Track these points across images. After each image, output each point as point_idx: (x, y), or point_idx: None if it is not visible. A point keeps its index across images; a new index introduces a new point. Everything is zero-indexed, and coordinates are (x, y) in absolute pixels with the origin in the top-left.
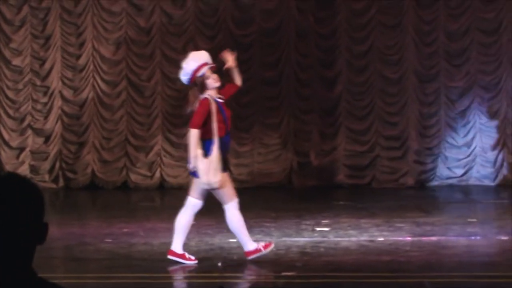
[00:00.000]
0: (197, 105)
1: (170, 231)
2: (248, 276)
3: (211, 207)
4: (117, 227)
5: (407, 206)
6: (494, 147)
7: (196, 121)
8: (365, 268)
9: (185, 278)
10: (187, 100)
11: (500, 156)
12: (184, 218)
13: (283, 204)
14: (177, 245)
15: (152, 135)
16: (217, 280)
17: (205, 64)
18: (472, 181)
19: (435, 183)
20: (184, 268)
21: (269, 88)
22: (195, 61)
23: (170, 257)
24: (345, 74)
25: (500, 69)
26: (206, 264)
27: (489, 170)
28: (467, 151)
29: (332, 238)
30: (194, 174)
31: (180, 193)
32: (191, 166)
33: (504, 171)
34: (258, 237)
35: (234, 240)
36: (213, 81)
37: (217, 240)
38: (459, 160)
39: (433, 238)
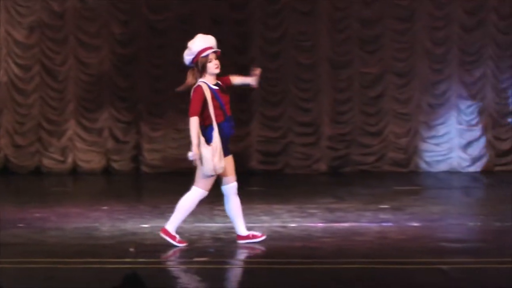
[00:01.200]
0: (191, 92)
1: (82, 216)
2: (161, 261)
3: (122, 193)
4: (30, 212)
5: (320, 192)
6: (406, 134)
7: (193, 108)
8: (277, 254)
9: (98, 263)
10: (185, 79)
11: (413, 143)
12: (187, 203)
13: None
14: (171, 225)
15: (65, 119)
16: (129, 266)
17: (211, 47)
18: (384, 168)
19: (347, 169)
20: (97, 253)
21: (183, 74)
22: (202, 43)
23: (162, 235)
24: (258, 60)
25: (413, 56)
26: (118, 249)
27: (401, 156)
28: (380, 138)
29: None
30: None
31: (92, 178)
32: (192, 154)
33: (417, 157)
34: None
35: (147, 225)
36: (213, 66)
37: (130, 226)
38: (372, 146)
39: (345, 224)
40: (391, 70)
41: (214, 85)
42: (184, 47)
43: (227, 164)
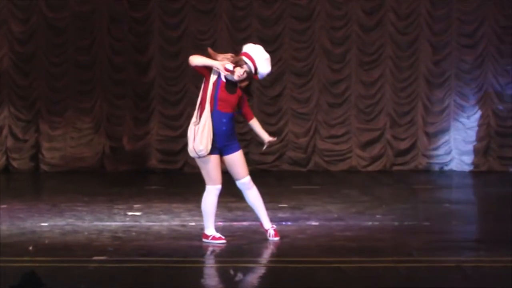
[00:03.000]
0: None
1: (9, 214)
2: (60, 260)
3: (22, 191)
4: None
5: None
6: (305, 133)
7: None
8: (177, 252)
9: None
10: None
11: (312, 142)
12: (206, 204)
13: (96, 188)
14: (209, 229)
15: None
16: (28, 264)
17: (255, 67)
18: (284, 167)
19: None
20: None
21: (83, 72)
22: (260, 62)
23: (204, 240)
24: (158, 59)
25: (312, 56)
26: (17, 248)
27: (300, 156)
28: (280, 137)
29: (144, 222)
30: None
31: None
32: (223, 67)
33: (316, 157)
34: (69, 221)
35: (46, 224)
36: (238, 73)
37: (29, 224)
38: (271, 145)
39: (245, 223)
40: (290, 69)
41: (228, 80)
42: (83, 46)
43: (235, 159)
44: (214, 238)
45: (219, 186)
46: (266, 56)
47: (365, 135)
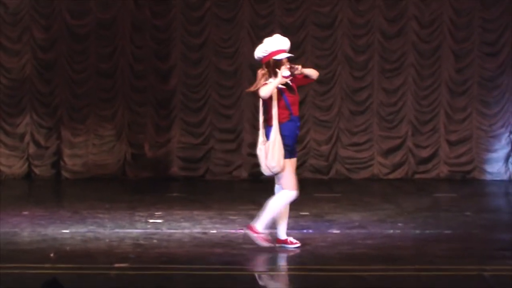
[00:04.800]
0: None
1: (2, 221)
2: (81, 267)
3: (43, 198)
4: None
5: (241, 199)
6: (327, 141)
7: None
8: (198, 260)
9: (18, 268)
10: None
11: (334, 150)
12: (276, 205)
13: (117, 195)
14: (281, 232)
15: None
16: (49, 271)
17: (285, 51)
18: (305, 175)
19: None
20: (16, 258)
21: (104, 79)
22: (278, 44)
23: (279, 245)
24: (180, 66)
25: (335, 63)
26: (38, 255)
27: (322, 163)
28: (301, 145)
29: (165, 230)
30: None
31: (14, 183)
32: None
33: (337, 164)
34: (91, 228)
35: (67, 231)
36: (284, 69)
37: (50, 231)
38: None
39: (266, 231)
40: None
41: (283, 84)
42: (105, 53)
43: (292, 167)
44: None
45: (296, 193)
46: (275, 37)
47: (387, 143)
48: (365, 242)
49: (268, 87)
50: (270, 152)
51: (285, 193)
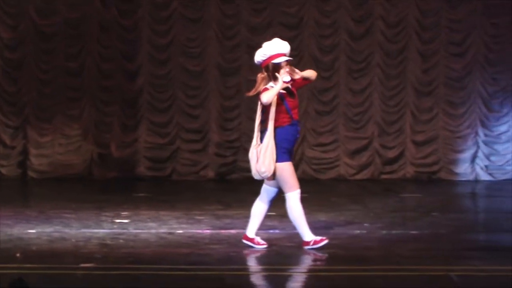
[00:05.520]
0: (261, 90)
1: None
2: (47, 267)
3: (9, 198)
4: None
5: (207, 199)
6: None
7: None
8: (165, 260)
9: None
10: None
11: (300, 150)
12: (295, 212)
13: (83, 195)
14: (307, 236)
15: None
16: (15, 271)
17: (284, 54)
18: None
19: (235, 176)
20: None
21: (71, 79)
22: (278, 48)
23: (305, 247)
24: (146, 66)
25: (301, 64)
26: (4, 255)
27: None
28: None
29: (131, 230)
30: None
31: None
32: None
33: (304, 165)
34: (57, 228)
35: (33, 231)
36: (284, 73)
37: (16, 231)
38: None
39: (233, 231)
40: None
41: (283, 89)
42: (72, 53)
43: (290, 169)
44: (315, 242)
45: (300, 190)
46: (274, 41)
47: (353, 143)
48: (332, 242)
49: (270, 93)
50: (262, 156)
51: (292, 197)
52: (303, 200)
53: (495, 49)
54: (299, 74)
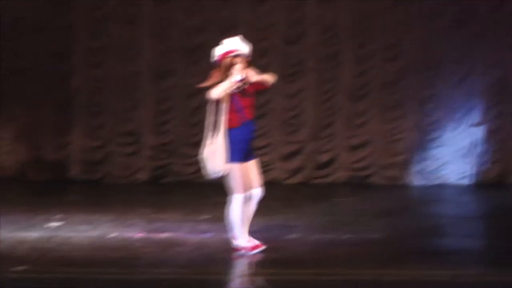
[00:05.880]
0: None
1: None
2: None
3: None
4: None
5: (140, 202)
6: None
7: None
8: (97, 264)
9: None
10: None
11: None
12: (233, 215)
13: (16, 197)
14: (241, 240)
15: None
16: None
17: (237, 50)
18: (205, 179)
19: (168, 179)
20: None
21: (4, 80)
22: (233, 45)
23: (237, 253)
24: (81, 69)
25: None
26: None
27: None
28: (199, 148)
29: (64, 233)
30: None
31: None
32: (236, 79)
33: None
34: None
35: None
36: (237, 71)
37: None
38: (193, 156)
39: (165, 235)
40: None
41: (236, 88)
42: (5, 53)
43: (252, 168)
44: (250, 248)
45: (245, 195)
46: (237, 38)
47: (286, 148)
48: (265, 246)
49: (218, 90)
50: (216, 155)
51: (234, 198)
52: None
53: (430, 53)
54: (254, 76)
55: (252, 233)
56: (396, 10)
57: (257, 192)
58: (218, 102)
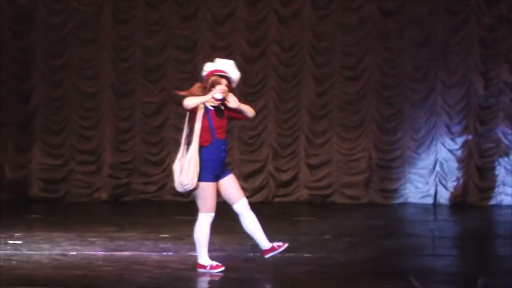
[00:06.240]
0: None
1: None
2: None
3: None
4: None
5: (101, 221)
6: None
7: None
8: (58, 282)
9: None
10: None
11: None
12: (199, 234)
13: None
14: (202, 259)
15: None
16: None
17: (224, 72)
18: (166, 197)
19: (129, 198)
20: None
21: None
22: (219, 65)
23: (198, 270)
24: (41, 87)
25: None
26: None
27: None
28: (162, 167)
29: (24, 251)
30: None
31: None
32: (217, 94)
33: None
34: None
35: None
36: (217, 92)
37: None
38: (154, 175)
39: (126, 253)
40: (173, 99)
41: (213, 107)
42: None
43: (229, 183)
44: (212, 267)
45: (213, 214)
46: (230, 62)
47: (247, 167)
48: (225, 264)
49: (193, 100)
50: (185, 168)
51: (200, 217)
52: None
53: (389, 73)
54: (235, 102)
55: (212, 251)
56: (357, 31)
57: (242, 205)
58: (193, 118)
